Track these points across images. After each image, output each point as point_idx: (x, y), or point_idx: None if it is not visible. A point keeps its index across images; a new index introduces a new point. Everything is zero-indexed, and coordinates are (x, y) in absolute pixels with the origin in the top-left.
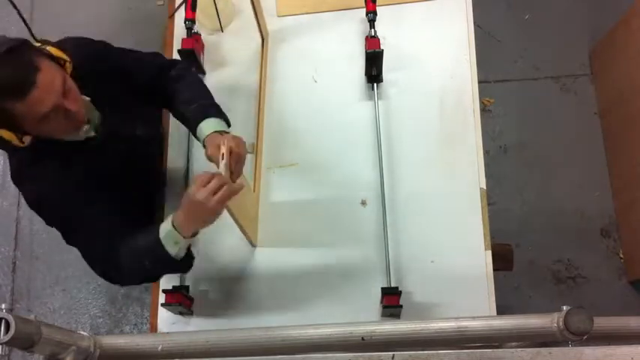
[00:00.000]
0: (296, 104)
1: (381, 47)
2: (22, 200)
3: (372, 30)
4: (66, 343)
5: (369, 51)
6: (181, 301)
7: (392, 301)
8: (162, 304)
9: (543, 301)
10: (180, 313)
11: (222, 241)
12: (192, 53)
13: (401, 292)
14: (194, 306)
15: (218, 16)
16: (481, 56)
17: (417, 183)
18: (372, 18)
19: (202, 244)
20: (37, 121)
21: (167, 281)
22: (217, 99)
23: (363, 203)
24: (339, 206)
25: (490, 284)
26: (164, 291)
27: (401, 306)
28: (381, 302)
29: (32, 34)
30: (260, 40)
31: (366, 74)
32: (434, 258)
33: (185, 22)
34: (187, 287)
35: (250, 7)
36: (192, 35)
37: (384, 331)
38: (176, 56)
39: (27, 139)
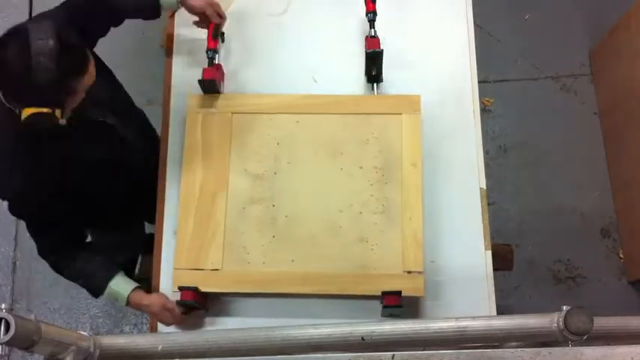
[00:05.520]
0: None
1: (381, 47)
2: None
3: (372, 30)
4: (66, 343)
5: (369, 51)
6: (197, 298)
7: (392, 301)
8: (178, 302)
9: (543, 301)
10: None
11: None
12: (214, 83)
13: (401, 292)
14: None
15: None
16: (481, 56)
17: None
18: (372, 18)
19: None
20: (83, 94)
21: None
22: None
23: None
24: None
25: (490, 284)
26: (180, 288)
27: (401, 306)
28: (381, 302)
29: None
30: None
31: (366, 74)
32: (434, 258)
33: (207, 52)
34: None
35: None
36: (213, 64)
37: (384, 331)
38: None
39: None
